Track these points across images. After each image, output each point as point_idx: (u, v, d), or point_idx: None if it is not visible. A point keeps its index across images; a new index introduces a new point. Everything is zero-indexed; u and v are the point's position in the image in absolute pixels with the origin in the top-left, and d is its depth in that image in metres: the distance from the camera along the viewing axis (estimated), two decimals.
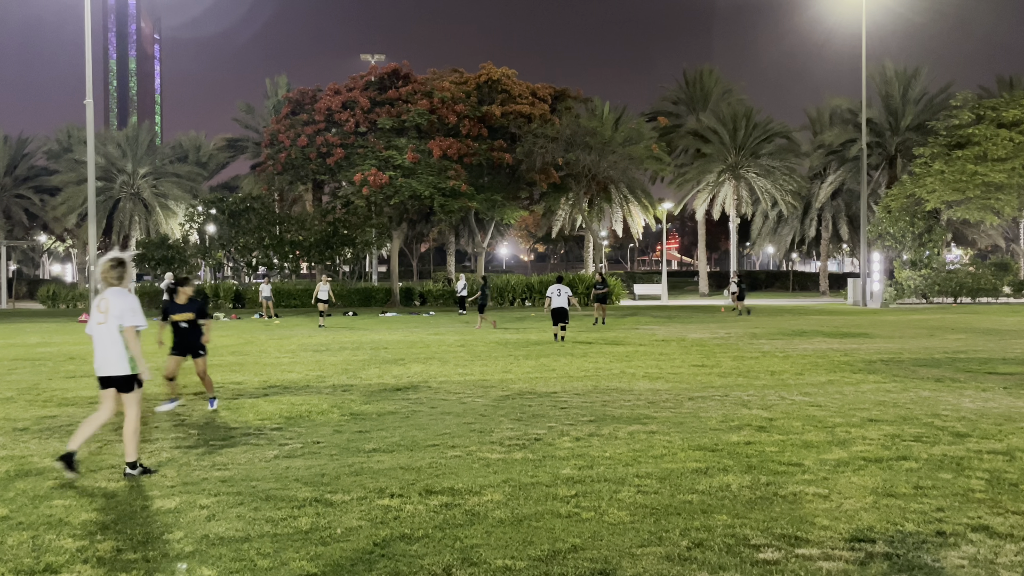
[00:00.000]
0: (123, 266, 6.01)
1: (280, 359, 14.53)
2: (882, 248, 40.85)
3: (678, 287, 66.90)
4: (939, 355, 14.32)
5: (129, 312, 5.85)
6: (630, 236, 65.89)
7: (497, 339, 18.65)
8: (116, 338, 5.85)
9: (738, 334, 19.73)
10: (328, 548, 4.35)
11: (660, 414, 8.40)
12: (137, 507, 5.13)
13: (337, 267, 46.00)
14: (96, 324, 5.92)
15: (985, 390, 9.96)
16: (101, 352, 5.91)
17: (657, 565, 4.08)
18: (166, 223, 55.41)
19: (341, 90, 42.61)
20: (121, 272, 5.99)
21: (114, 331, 5.84)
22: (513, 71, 43.20)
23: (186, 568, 4.09)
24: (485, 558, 4.18)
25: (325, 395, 9.98)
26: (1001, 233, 56.37)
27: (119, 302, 5.87)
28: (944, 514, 4.87)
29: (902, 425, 7.68)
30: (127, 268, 6.04)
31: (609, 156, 40.04)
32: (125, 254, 6.13)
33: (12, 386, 10.96)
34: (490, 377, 11.61)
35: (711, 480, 5.67)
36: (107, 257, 6.01)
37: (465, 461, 6.32)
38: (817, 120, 54.62)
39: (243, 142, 56.80)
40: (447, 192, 38.47)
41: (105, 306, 5.87)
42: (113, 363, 5.88)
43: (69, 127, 59.08)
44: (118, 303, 5.86)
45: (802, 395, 9.67)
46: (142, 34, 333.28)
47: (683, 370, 12.31)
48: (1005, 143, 35.70)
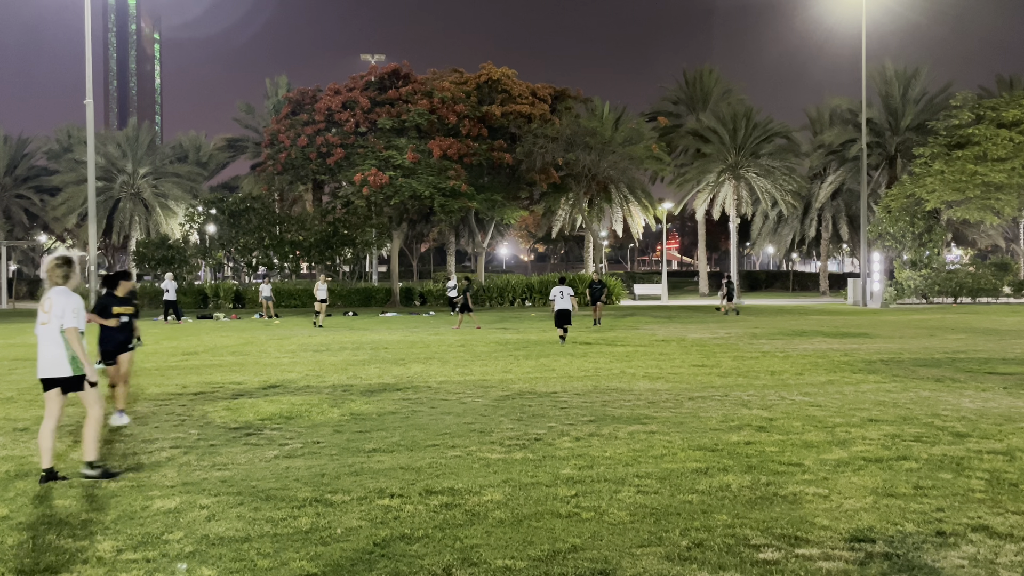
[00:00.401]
0: (69, 265, 5.85)
1: (280, 359, 14.53)
2: (882, 248, 40.85)
3: (678, 287, 66.91)
4: (939, 355, 14.32)
5: (71, 312, 5.69)
6: (630, 236, 65.89)
7: (497, 339, 18.65)
8: (57, 339, 5.69)
9: (738, 334, 19.73)
10: (328, 548, 4.35)
11: (660, 414, 8.40)
12: (137, 507, 5.13)
13: (337, 267, 46.01)
14: (40, 324, 5.78)
15: (985, 390, 9.96)
16: (42, 352, 5.75)
17: (657, 565, 4.08)
18: (166, 223, 55.41)
19: (341, 90, 42.61)
20: (67, 271, 5.82)
21: (55, 331, 5.69)
22: (513, 71, 43.20)
23: (186, 568, 4.09)
24: (485, 558, 4.18)
25: (325, 395, 9.98)
26: (1001, 233, 56.36)
27: (62, 301, 5.71)
28: (944, 514, 4.87)
29: (902, 425, 7.68)
30: (73, 267, 5.88)
31: (609, 156, 40.05)
32: (72, 253, 5.99)
33: (12, 386, 10.96)
34: (490, 377, 11.62)
35: (711, 480, 5.67)
36: (53, 256, 5.85)
37: (465, 461, 6.32)
38: (817, 120, 54.62)
39: (243, 142, 56.82)
40: (447, 192, 38.48)
41: (48, 306, 5.73)
42: (53, 364, 5.70)
43: (69, 127, 59.10)
44: (60, 303, 5.70)
45: (802, 395, 9.67)
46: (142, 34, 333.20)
47: (683, 370, 12.31)
48: (1005, 143, 35.69)
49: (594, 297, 25.20)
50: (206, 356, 15.22)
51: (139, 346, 8.75)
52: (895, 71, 49.42)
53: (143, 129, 58.78)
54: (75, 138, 56.32)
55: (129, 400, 8.64)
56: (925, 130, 44.80)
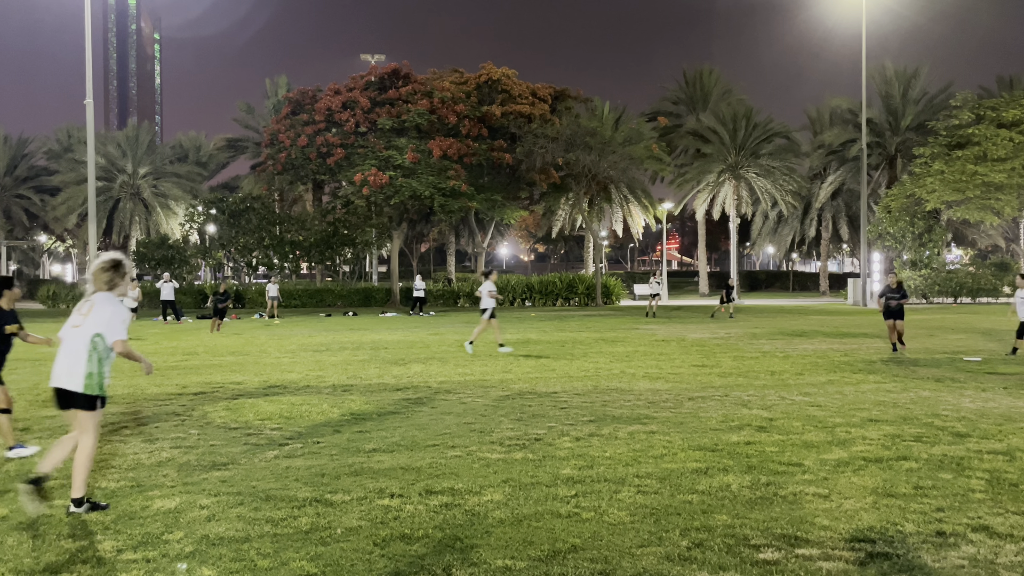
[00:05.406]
0: (116, 270, 5.22)
1: (280, 359, 14.53)
2: (882, 248, 40.86)
3: (678, 287, 66.89)
4: (939, 355, 14.32)
5: (120, 324, 5.10)
6: (630, 236, 65.91)
7: (495, 339, 18.62)
8: (83, 347, 5.02)
9: (738, 334, 19.73)
10: (328, 548, 4.35)
11: (660, 414, 8.40)
12: (137, 507, 5.13)
13: (337, 267, 45.99)
14: (71, 326, 5.13)
15: (985, 390, 9.96)
16: (61, 359, 5.08)
17: (657, 565, 4.08)
18: (166, 223, 55.41)
19: (341, 90, 42.61)
20: (112, 277, 5.21)
21: (84, 338, 5.03)
22: (513, 71, 43.19)
23: (186, 568, 4.09)
24: (485, 558, 4.18)
25: (325, 395, 9.98)
26: (1001, 233, 56.30)
27: (107, 310, 5.09)
28: (944, 514, 4.87)
29: (902, 425, 7.68)
30: (120, 273, 5.24)
31: (609, 156, 40.02)
32: (123, 256, 5.34)
33: (13, 386, 10.93)
34: (490, 377, 11.61)
35: (711, 480, 5.67)
36: (102, 258, 5.25)
37: (465, 461, 6.32)
38: (817, 120, 54.60)
39: (243, 142, 56.81)
40: (447, 192, 38.47)
41: (87, 309, 5.13)
42: (67, 375, 5.02)
43: (69, 127, 59.11)
44: (105, 311, 5.09)
45: (802, 395, 9.67)
46: (142, 34, 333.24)
47: (683, 370, 12.31)
48: (1005, 143, 35.68)
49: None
50: (206, 356, 15.22)
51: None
52: (895, 71, 49.40)
53: (143, 129, 58.78)
54: (75, 138, 56.32)
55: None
56: (925, 130, 44.79)
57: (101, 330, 5.05)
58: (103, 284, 5.19)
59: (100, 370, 5.06)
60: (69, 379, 5.01)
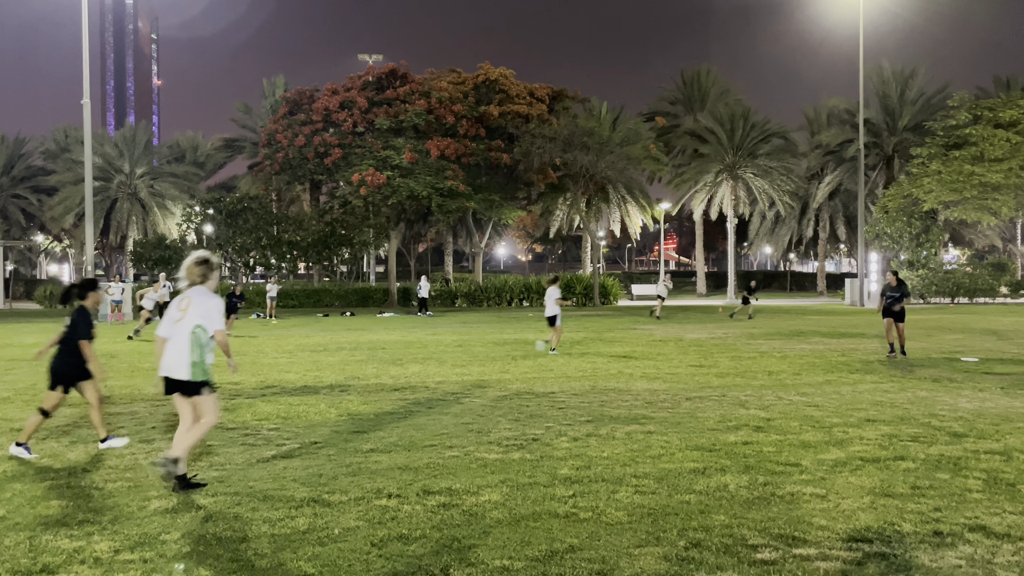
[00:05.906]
0: (208, 264, 5.74)
1: (277, 359, 14.52)
2: (879, 248, 40.91)
3: (676, 287, 66.88)
4: (936, 355, 14.34)
5: (217, 314, 5.62)
6: (628, 236, 65.88)
7: (495, 339, 18.65)
8: (186, 339, 5.52)
9: (735, 334, 19.75)
10: (326, 548, 4.35)
11: (658, 414, 8.40)
12: (134, 507, 5.12)
13: (335, 267, 45.96)
14: (173, 322, 5.61)
15: (982, 390, 9.98)
16: (168, 351, 5.58)
17: (655, 565, 4.08)
18: (163, 223, 55.37)
19: (339, 90, 42.59)
20: (205, 271, 5.71)
21: (186, 331, 5.52)
22: (511, 71, 43.21)
23: (183, 568, 4.09)
24: (483, 558, 4.18)
25: (322, 395, 9.98)
26: (998, 233, 56.49)
27: (204, 302, 5.60)
28: (941, 514, 4.87)
29: (899, 425, 7.69)
30: (211, 267, 5.77)
31: (607, 156, 40.04)
32: (210, 253, 5.91)
33: (9, 386, 10.93)
34: (488, 377, 11.61)
35: (709, 480, 5.67)
36: (194, 255, 5.77)
37: (463, 461, 6.32)
38: (814, 120, 54.67)
39: (240, 142, 56.78)
40: (445, 192, 38.47)
41: (186, 304, 5.59)
42: (175, 365, 5.54)
43: (66, 127, 59.08)
44: (202, 303, 5.59)
45: (799, 395, 9.68)
46: (139, 34, 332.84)
47: (681, 370, 12.31)
48: (1002, 143, 35.74)
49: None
50: None
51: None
52: (892, 71, 49.47)
53: (140, 129, 58.77)
54: (72, 138, 56.29)
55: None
56: (922, 130, 44.85)
57: (201, 321, 5.56)
58: (197, 277, 5.70)
59: (203, 358, 5.59)
60: (177, 369, 5.53)
